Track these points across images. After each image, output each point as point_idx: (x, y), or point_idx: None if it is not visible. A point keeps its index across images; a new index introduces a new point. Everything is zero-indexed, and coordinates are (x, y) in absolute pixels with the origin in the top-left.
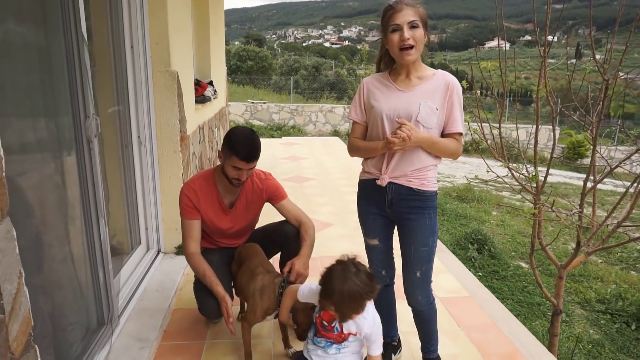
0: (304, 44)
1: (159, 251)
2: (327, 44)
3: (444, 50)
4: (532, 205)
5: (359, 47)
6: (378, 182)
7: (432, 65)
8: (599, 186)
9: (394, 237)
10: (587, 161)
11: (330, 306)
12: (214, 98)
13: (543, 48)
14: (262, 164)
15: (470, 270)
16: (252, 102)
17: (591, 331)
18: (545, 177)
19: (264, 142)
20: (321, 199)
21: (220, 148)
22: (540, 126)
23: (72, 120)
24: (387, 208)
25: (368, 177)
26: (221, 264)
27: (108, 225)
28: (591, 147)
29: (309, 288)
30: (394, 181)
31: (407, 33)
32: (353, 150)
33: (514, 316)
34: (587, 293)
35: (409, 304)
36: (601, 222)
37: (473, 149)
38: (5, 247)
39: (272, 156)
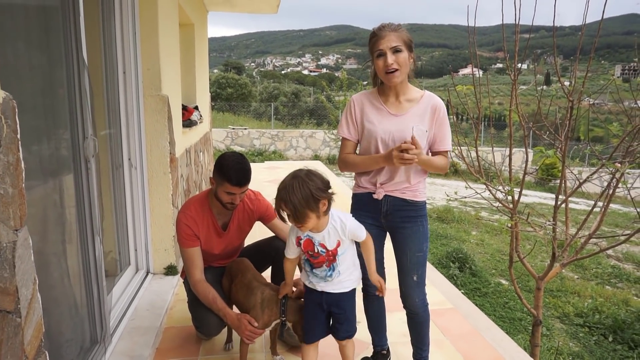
0: (283, 72)
1: (148, 272)
2: (305, 72)
3: (419, 78)
4: (509, 220)
5: (337, 74)
6: (375, 196)
7: None
8: (573, 206)
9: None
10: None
11: (283, 208)
12: (200, 122)
13: (513, 73)
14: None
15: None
16: (233, 128)
17: (571, 344)
18: (520, 193)
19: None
20: None
21: (210, 174)
22: (514, 149)
23: (70, 140)
24: (382, 219)
25: (363, 191)
26: (213, 281)
27: (103, 244)
28: (570, 170)
29: (288, 239)
30: (389, 194)
31: (390, 58)
32: (347, 166)
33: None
34: (565, 307)
35: (405, 306)
36: (574, 234)
37: (451, 171)
38: (22, 254)
39: (256, 180)
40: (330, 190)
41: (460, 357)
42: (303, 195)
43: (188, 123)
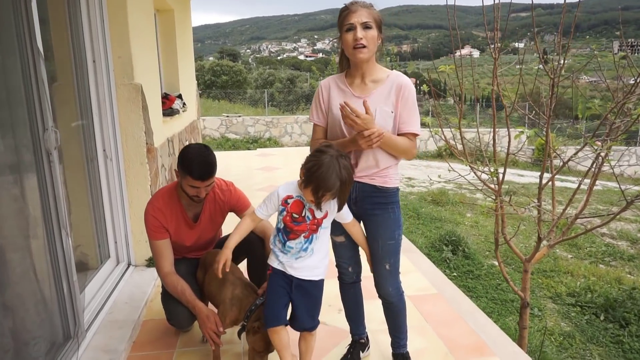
0: (279, 57)
1: (129, 264)
2: (301, 57)
3: (416, 60)
4: (493, 203)
5: (332, 58)
6: None
7: (406, 75)
8: (570, 185)
9: None
10: (557, 162)
11: (324, 197)
12: (183, 111)
13: (494, 52)
14: (237, 175)
15: (445, 270)
16: (227, 116)
17: (562, 324)
18: (504, 174)
19: (239, 154)
20: None
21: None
22: (511, 130)
23: (30, 133)
24: (353, 205)
25: None
26: (187, 273)
27: (72, 238)
28: (559, 148)
29: (270, 197)
30: (358, 180)
31: (359, 33)
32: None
33: (482, 310)
34: (557, 287)
35: (380, 295)
36: (559, 215)
37: (447, 154)
38: None
39: (247, 167)
40: None
41: (441, 343)
42: (349, 179)
43: (169, 112)
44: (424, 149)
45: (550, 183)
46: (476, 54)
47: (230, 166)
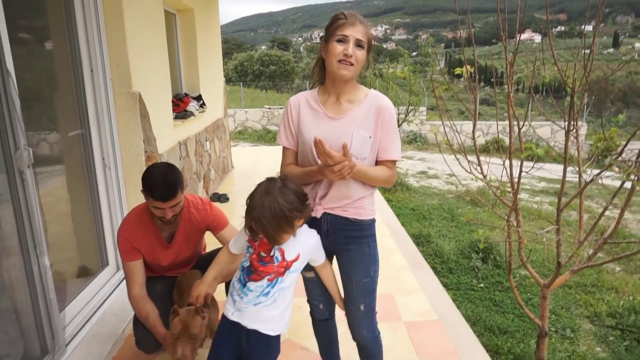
0: None
1: None
2: None
3: (471, 46)
4: (508, 221)
5: (385, 45)
6: (312, 213)
7: (460, 62)
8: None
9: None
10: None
11: (254, 225)
12: (200, 112)
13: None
14: (266, 171)
15: (471, 281)
16: (269, 108)
17: (597, 349)
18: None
19: (272, 149)
20: None
21: (224, 161)
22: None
23: (2, 152)
24: (324, 239)
25: None
26: (162, 293)
27: (48, 254)
28: (619, 143)
29: (241, 231)
30: (329, 212)
31: (351, 49)
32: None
33: (481, 344)
34: (597, 306)
35: (354, 338)
36: (581, 241)
37: (494, 148)
38: None
39: (276, 164)
40: (307, 203)
41: None
42: (274, 217)
43: (183, 114)
44: (470, 143)
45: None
46: (538, 38)
47: (259, 162)
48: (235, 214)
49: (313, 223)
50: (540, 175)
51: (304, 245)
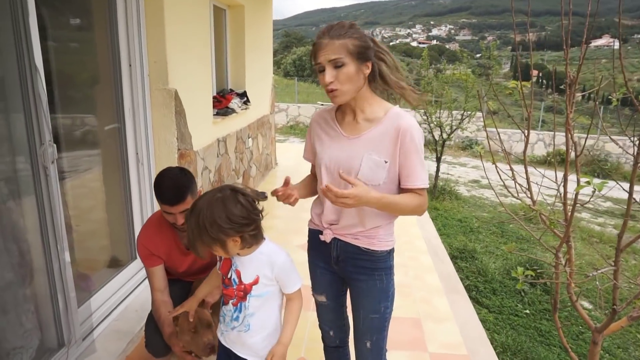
0: (391, 43)
1: None
2: (414, 43)
3: (542, 50)
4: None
5: (447, 46)
6: (321, 238)
7: (527, 67)
8: None
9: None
10: None
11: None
12: (243, 109)
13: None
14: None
15: (516, 306)
16: (322, 104)
17: None
18: (630, 195)
19: None
20: None
21: (267, 158)
22: None
23: (28, 147)
24: (334, 265)
25: (314, 227)
26: (178, 296)
27: (70, 248)
28: None
29: None
30: (339, 238)
31: (328, 76)
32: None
33: None
34: None
35: None
36: None
37: (555, 161)
38: None
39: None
40: (248, 224)
41: None
42: (197, 224)
43: (224, 111)
44: (529, 152)
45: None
46: (617, 44)
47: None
48: (272, 214)
49: (322, 247)
50: (606, 194)
51: (264, 267)
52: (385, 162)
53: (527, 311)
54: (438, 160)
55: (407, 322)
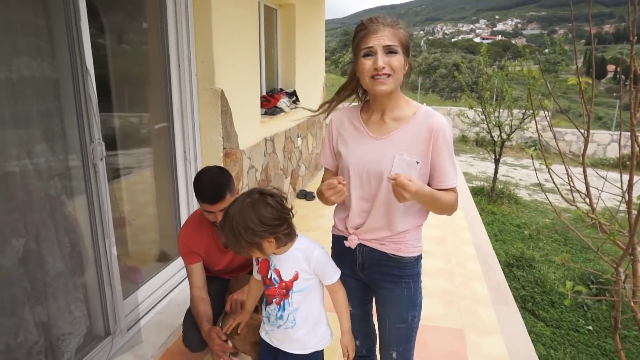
0: (453, 40)
1: None
2: (477, 39)
3: (620, 42)
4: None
5: (513, 41)
6: (346, 244)
7: (603, 62)
8: None
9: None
10: None
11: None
12: (292, 109)
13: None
14: None
15: (578, 320)
16: None
17: None
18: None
19: None
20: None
21: (316, 157)
22: None
23: (79, 145)
24: (360, 272)
25: (338, 233)
26: (216, 293)
27: (125, 242)
28: None
29: None
30: (365, 243)
31: (381, 60)
32: (322, 200)
33: None
34: None
35: None
36: None
37: (622, 164)
38: None
39: None
40: (278, 224)
41: None
42: (232, 231)
43: (272, 111)
44: (601, 154)
45: None
46: None
47: None
48: (318, 214)
49: (347, 253)
50: None
51: (301, 262)
52: (417, 162)
53: (590, 327)
54: (496, 161)
55: (448, 333)
